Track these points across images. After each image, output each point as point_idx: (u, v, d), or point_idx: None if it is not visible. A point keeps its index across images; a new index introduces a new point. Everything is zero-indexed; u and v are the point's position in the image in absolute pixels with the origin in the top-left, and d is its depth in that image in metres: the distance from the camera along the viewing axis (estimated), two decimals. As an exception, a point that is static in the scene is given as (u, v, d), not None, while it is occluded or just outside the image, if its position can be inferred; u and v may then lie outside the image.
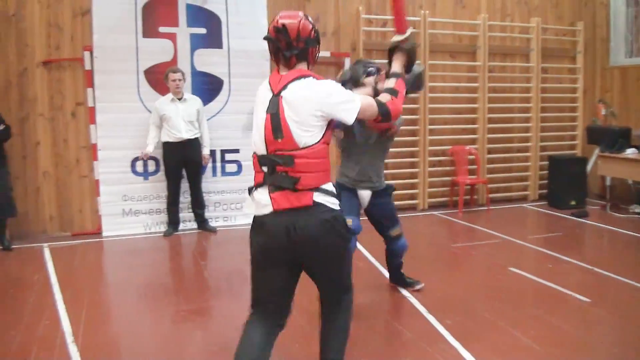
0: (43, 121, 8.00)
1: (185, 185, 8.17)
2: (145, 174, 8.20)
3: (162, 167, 8.13)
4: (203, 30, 8.24)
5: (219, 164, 8.49)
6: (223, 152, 8.45)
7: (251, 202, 3.27)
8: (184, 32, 8.17)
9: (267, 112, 3.14)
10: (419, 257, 6.61)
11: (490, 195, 9.61)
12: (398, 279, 5.64)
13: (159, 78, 8.01)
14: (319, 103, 3.03)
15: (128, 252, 7.46)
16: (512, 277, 6.00)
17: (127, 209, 8.17)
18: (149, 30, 8.05)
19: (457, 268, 6.59)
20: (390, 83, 3.39)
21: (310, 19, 3.20)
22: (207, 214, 8.35)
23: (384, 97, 3.26)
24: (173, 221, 8.18)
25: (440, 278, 5.99)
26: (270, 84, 3.19)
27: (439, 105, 9.40)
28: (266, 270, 3.23)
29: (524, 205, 9.84)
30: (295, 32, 3.10)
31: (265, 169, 3.16)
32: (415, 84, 4.06)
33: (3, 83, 7.79)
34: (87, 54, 7.93)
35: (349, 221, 4.66)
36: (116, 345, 4.61)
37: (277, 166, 3.11)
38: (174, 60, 8.12)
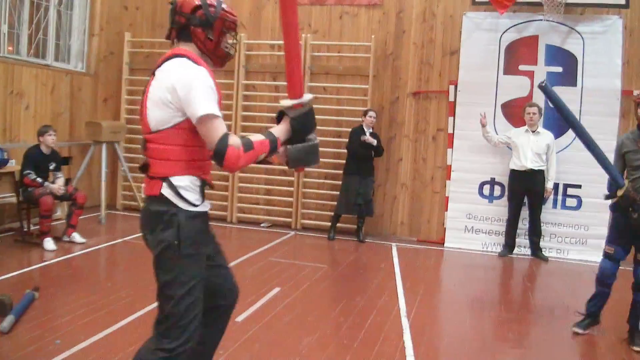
0: (407, 142, 9.36)
1: (525, 213, 8.64)
2: (490, 197, 8.94)
3: (506, 193, 8.77)
4: (559, 69, 8.70)
5: (560, 197, 8.77)
6: (565, 186, 8.72)
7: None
8: (541, 70, 8.75)
9: (143, 93, 2.94)
10: None
11: None
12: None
13: (514, 111, 8.75)
14: (174, 90, 2.73)
15: (464, 264, 8.31)
16: None
17: (470, 226, 9.03)
18: (510, 68, 8.86)
19: None
20: (254, 136, 2.86)
21: (208, 0, 2.94)
22: (542, 243, 8.67)
23: (234, 140, 2.72)
24: (509, 244, 8.71)
25: None
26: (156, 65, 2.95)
27: None
28: None
29: None
30: (177, 6, 2.93)
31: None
32: (302, 158, 3.06)
33: (377, 108, 9.26)
34: (452, 87, 9.06)
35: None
36: (439, 331, 5.47)
37: (142, 149, 2.94)
38: (530, 95, 8.73)
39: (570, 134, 8.58)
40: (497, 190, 8.93)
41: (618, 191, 4.96)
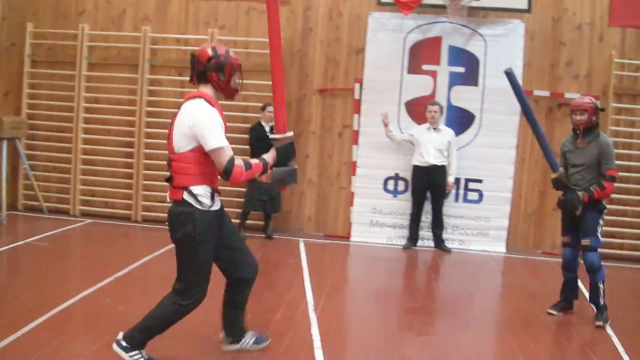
0: (314, 138, 9.46)
1: (428, 206, 8.96)
2: (395, 192, 9.21)
3: (409, 188, 9.03)
4: (461, 69, 9.05)
5: (461, 191, 9.14)
6: (467, 180, 9.09)
7: None
8: (444, 70, 9.07)
9: (172, 122, 3.98)
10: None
11: None
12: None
13: (417, 109, 9.02)
14: (193, 126, 3.77)
15: (370, 257, 8.52)
16: None
17: (375, 220, 9.24)
18: (413, 68, 9.12)
19: None
20: (252, 160, 4.03)
21: (217, 50, 3.98)
22: (444, 235, 9.02)
23: (238, 162, 3.84)
24: (413, 237, 9.01)
25: None
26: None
27: None
28: None
29: None
30: (197, 57, 3.96)
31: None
32: (283, 178, 4.24)
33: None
34: (357, 85, 9.23)
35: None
36: (346, 323, 5.63)
37: (168, 165, 4.01)
38: (433, 94, 9.04)
39: (472, 132, 8.99)
40: (401, 185, 9.18)
41: (552, 174, 5.78)
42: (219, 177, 3.95)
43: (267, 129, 8.62)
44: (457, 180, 9.01)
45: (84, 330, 4.99)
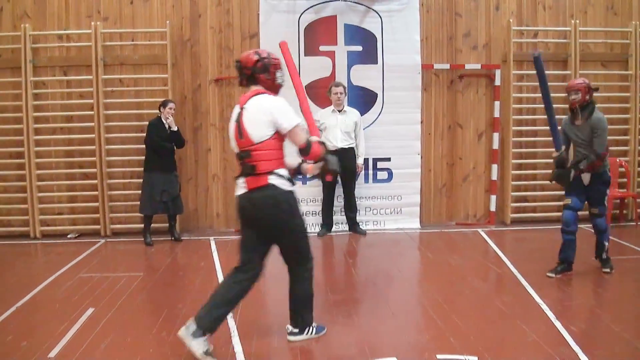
0: (214, 130, 9.01)
1: (339, 190, 8.77)
2: (304, 179, 8.83)
3: (319, 173, 8.77)
4: (359, 48, 8.84)
5: (371, 172, 9.03)
6: (375, 160, 8.97)
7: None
8: (341, 49, 8.84)
9: (235, 121, 4.46)
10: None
11: (640, 210, 9.25)
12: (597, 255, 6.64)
13: (318, 92, 8.75)
14: (271, 113, 4.29)
15: (284, 249, 8.20)
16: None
17: (287, 210, 8.92)
18: (310, 49, 8.83)
19: (592, 280, 6.48)
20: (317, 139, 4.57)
21: (260, 54, 4.50)
22: (358, 218, 8.89)
23: (313, 138, 4.50)
24: (327, 223, 8.83)
25: (574, 288, 6.15)
26: (239, 102, 4.51)
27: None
28: (243, 234, 4.62)
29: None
30: (242, 64, 4.51)
31: (240, 162, 4.44)
32: (322, 172, 4.67)
33: (179, 97, 8.84)
34: (254, 71, 8.76)
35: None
36: (268, 325, 5.27)
37: (244, 158, 4.41)
38: (333, 76, 8.81)
39: (375, 110, 8.90)
40: (310, 172, 8.91)
41: (554, 153, 6.37)
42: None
43: (167, 125, 8.17)
44: (366, 161, 8.88)
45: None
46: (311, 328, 4.80)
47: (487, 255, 7.62)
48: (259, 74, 4.46)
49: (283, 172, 4.39)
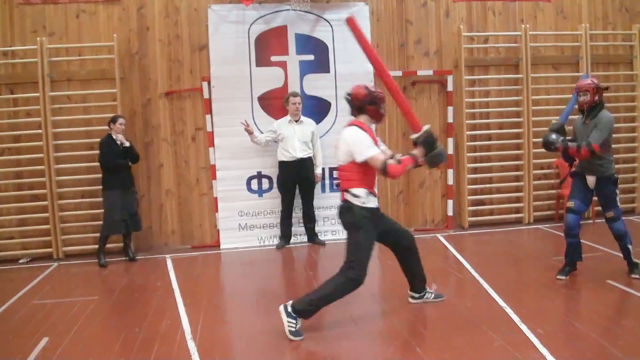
0: (166, 145, 8.81)
1: (297, 201, 8.67)
2: (260, 191, 8.84)
3: (274, 185, 8.72)
4: (311, 57, 8.79)
5: (327, 181, 8.95)
6: (331, 169, 8.86)
7: None
8: (293, 59, 8.76)
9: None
10: (521, 270, 6.95)
11: (597, 209, 9.29)
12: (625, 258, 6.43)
13: (271, 103, 8.67)
14: (350, 145, 5.09)
15: (243, 263, 8.06)
16: (611, 291, 6.02)
17: (243, 223, 8.82)
18: (262, 60, 8.72)
19: (553, 281, 6.45)
20: (400, 156, 5.20)
21: (369, 88, 5.23)
22: (317, 228, 8.81)
23: (391, 161, 5.07)
24: (285, 234, 8.71)
25: (537, 289, 6.16)
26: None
27: (543, 117, 9.14)
28: None
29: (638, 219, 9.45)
30: (353, 97, 5.26)
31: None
32: (434, 161, 5.24)
33: (129, 112, 8.62)
34: (205, 84, 8.67)
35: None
36: (230, 343, 5.19)
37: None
38: (285, 86, 8.72)
39: (329, 119, 8.87)
40: (266, 184, 8.84)
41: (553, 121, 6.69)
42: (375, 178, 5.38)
43: (119, 142, 7.94)
44: (322, 170, 8.79)
45: None
46: (297, 322, 5.11)
47: (448, 261, 7.60)
48: (367, 106, 5.20)
49: (357, 191, 5.13)
